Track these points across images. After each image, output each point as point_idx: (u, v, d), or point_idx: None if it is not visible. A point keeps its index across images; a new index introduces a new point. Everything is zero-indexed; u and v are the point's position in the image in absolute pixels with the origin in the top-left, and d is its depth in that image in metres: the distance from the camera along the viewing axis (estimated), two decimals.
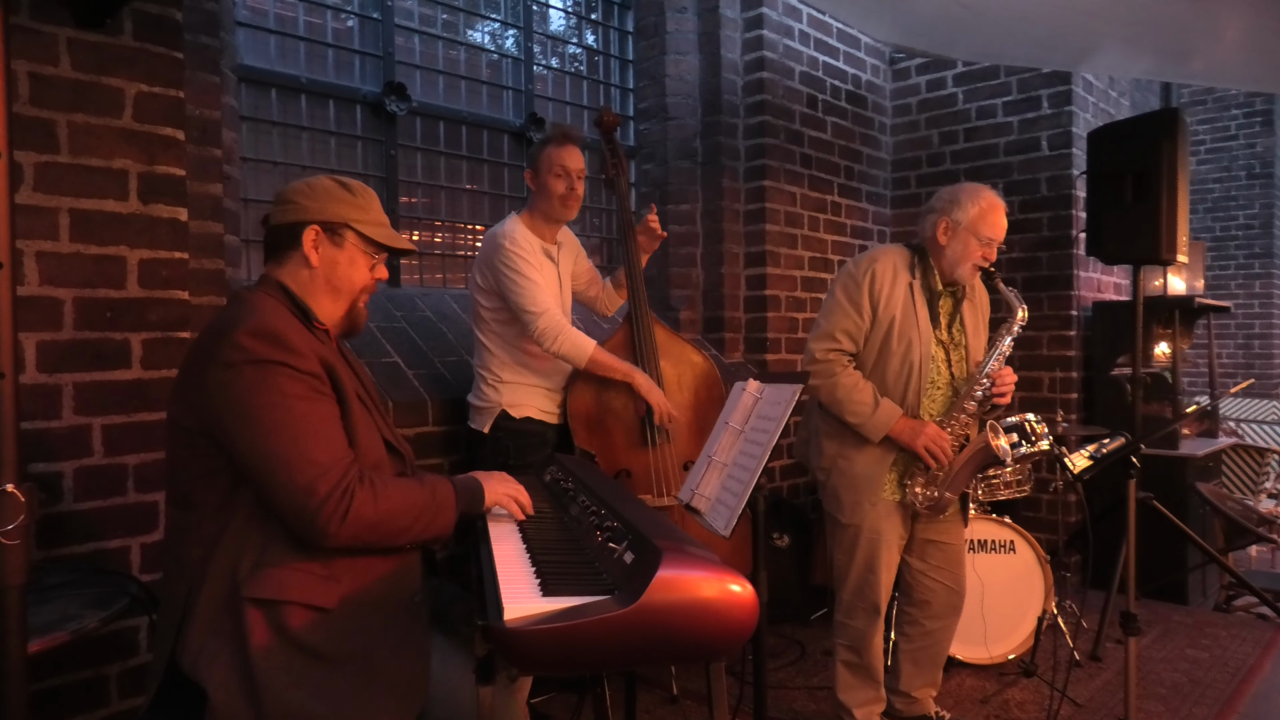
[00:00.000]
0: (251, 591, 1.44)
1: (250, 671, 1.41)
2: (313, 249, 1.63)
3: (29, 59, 2.08)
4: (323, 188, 1.66)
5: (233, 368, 1.44)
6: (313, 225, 1.63)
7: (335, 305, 1.68)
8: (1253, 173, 7.69)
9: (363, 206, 1.68)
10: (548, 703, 2.99)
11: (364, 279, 1.70)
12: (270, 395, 1.44)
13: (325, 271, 1.65)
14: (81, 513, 2.18)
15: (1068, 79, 4.56)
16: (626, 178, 3.06)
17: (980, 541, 3.35)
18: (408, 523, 1.54)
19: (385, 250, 1.72)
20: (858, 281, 2.59)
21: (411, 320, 3.37)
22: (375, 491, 1.49)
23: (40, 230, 2.11)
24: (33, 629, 1.48)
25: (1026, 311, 2.57)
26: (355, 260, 1.68)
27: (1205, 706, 3.07)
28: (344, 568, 1.51)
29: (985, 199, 2.57)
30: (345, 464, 1.48)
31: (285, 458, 1.42)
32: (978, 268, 2.58)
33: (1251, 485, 5.32)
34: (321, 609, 1.47)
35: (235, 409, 1.44)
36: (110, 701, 2.24)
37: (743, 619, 1.24)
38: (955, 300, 2.68)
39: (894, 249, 2.67)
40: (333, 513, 1.43)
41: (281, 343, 1.47)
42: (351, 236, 1.66)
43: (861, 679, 2.71)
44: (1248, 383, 3.68)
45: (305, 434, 1.45)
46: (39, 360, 2.11)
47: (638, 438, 2.88)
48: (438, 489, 1.62)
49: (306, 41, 3.33)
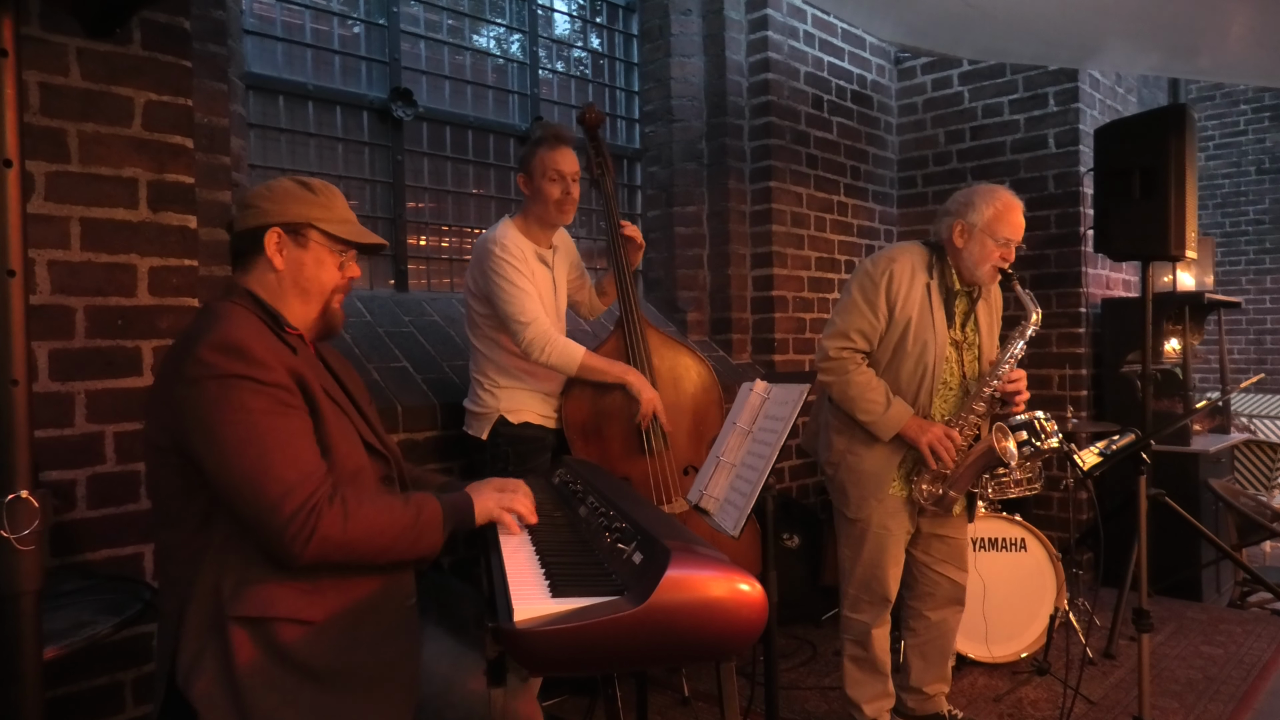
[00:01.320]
0: (236, 610, 1.43)
1: (238, 690, 1.40)
2: (276, 252, 1.60)
3: (39, 69, 2.09)
4: (282, 189, 1.62)
5: (196, 383, 1.41)
6: (274, 228, 1.59)
7: (307, 308, 1.65)
8: (1262, 168, 7.64)
9: (325, 205, 1.64)
10: (559, 705, 2.99)
11: (333, 278, 1.66)
12: (233, 412, 1.40)
13: (292, 273, 1.62)
14: (94, 520, 2.20)
15: (1074, 76, 4.55)
16: (613, 177, 3.01)
17: (991, 540, 3.34)
18: (386, 543, 1.49)
19: (353, 247, 1.68)
20: (875, 281, 2.57)
21: (419, 325, 3.38)
22: (346, 510, 1.44)
23: (51, 239, 2.13)
24: (47, 636, 1.48)
25: (1041, 315, 2.55)
26: (322, 260, 1.64)
27: (1220, 703, 3.05)
28: (328, 583, 1.48)
29: (1001, 199, 2.54)
30: (315, 481, 1.43)
31: (250, 475, 1.39)
32: (997, 270, 2.55)
33: (1265, 481, 5.29)
34: (309, 623, 1.45)
35: (200, 426, 1.41)
36: (125, 708, 2.25)
37: (752, 618, 1.24)
38: (971, 299, 2.67)
39: (912, 247, 2.64)
40: (297, 533, 1.39)
41: (244, 355, 1.43)
42: (315, 235, 1.62)
43: (868, 673, 2.71)
44: (1258, 377, 3.66)
45: (270, 450, 1.41)
46: (51, 369, 2.12)
47: (635, 445, 2.85)
48: (424, 508, 1.56)
49: (313, 48, 3.35)
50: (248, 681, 1.40)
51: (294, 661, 1.43)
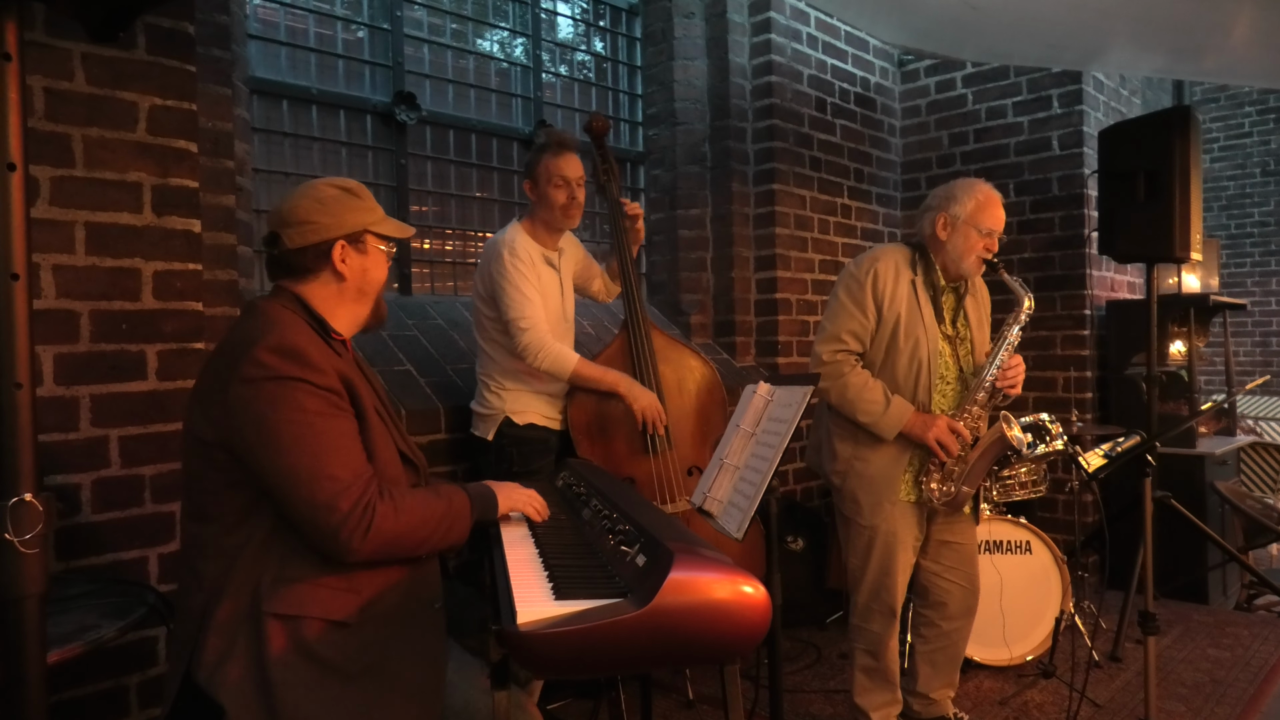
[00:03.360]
0: (273, 606, 1.45)
1: (268, 686, 1.41)
2: (342, 263, 1.64)
3: (44, 74, 2.11)
4: (333, 199, 1.65)
5: (254, 384, 1.45)
6: (339, 241, 1.63)
7: (362, 308, 1.70)
8: (1267, 169, 7.63)
9: (370, 207, 1.69)
10: (564, 708, 2.99)
11: (385, 274, 1.73)
12: (290, 411, 1.45)
13: (357, 281, 1.67)
14: (99, 524, 2.20)
15: (1078, 78, 4.54)
16: (618, 182, 3.05)
17: (996, 542, 3.33)
18: (427, 534, 1.56)
19: (397, 241, 1.75)
20: (860, 281, 2.59)
21: (423, 328, 3.39)
22: (396, 505, 1.50)
23: (57, 244, 2.14)
24: (51, 639, 1.49)
25: (1033, 300, 2.57)
26: (379, 261, 1.71)
27: (1227, 706, 3.04)
28: (364, 580, 1.52)
29: (981, 191, 2.59)
30: (366, 479, 1.48)
31: (306, 474, 1.43)
32: (982, 260, 2.58)
33: (1271, 483, 5.26)
34: (341, 622, 1.48)
35: (256, 425, 1.44)
36: (130, 711, 2.26)
37: (755, 620, 1.24)
38: (958, 296, 2.69)
39: (894, 248, 2.67)
40: (354, 528, 1.44)
41: (302, 359, 1.47)
42: (372, 240, 1.68)
43: (879, 683, 2.69)
44: (1263, 379, 3.65)
45: (326, 450, 1.45)
46: (56, 373, 2.13)
47: (640, 446, 2.87)
48: (454, 499, 1.63)
49: (317, 53, 3.36)
50: (279, 676, 1.42)
51: (325, 659, 1.45)
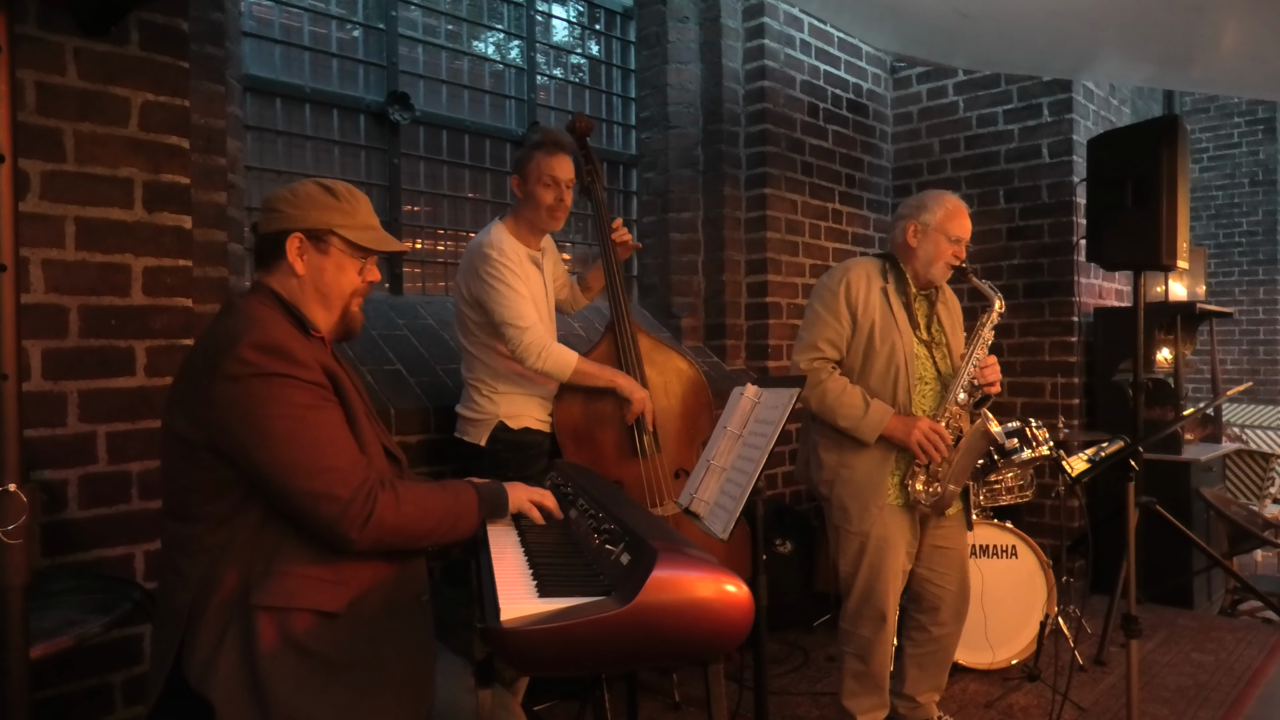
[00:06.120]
0: (262, 599, 1.44)
1: (258, 680, 1.40)
2: (298, 257, 1.60)
3: (35, 68, 2.10)
4: (306, 194, 1.62)
5: (239, 381, 1.43)
6: (296, 233, 1.59)
7: (327, 312, 1.65)
8: (1255, 180, 7.69)
9: (347, 210, 1.63)
10: (550, 710, 2.99)
11: (353, 283, 1.66)
12: (280, 407, 1.43)
13: (313, 279, 1.62)
14: (85, 520, 2.19)
15: (1068, 87, 4.58)
16: (602, 184, 3.04)
17: (982, 547, 3.35)
18: (430, 526, 1.55)
19: (373, 253, 1.69)
20: (833, 290, 2.65)
21: (414, 328, 3.39)
22: (398, 496, 1.50)
23: (46, 238, 2.13)
24: (36, 634, 1.49)
25: (1003, 302, 2.66)
26: (342, 266, 1.64)
27: (1210, 710, 3.06)
28: (351, 572, 1.51)
29: (950, 202, 2.69)
30: (364, 467, 1.48)
31: (303, 466, 1.42)
32: (950, 266, 2.66)
33: (1256, 490, 5.30)
34: (328, 614, 1.47)
35: (245, 422, 1.42)
36: (115, 709, 2.25)
37: (738, 619, 1.25)
38: (930, 303, 2.75)
39: (863, 260, 2.75)
40: (355, 516, 1.44)
41: (286, 355, 1.46)
42: (337, 242, 1.62)
43: (867, 687, 2.70)
44: (1245, 385, 3.68)
45: (320, 442, 1.45)
46: (44, 368, 2.12)
47: (627, 448, 2.85)
48: (461, 494, 1.63)
49: (311, 51, 3.36)
50: (269, 669, 1.41)
51: (315, 651, 1.44)
